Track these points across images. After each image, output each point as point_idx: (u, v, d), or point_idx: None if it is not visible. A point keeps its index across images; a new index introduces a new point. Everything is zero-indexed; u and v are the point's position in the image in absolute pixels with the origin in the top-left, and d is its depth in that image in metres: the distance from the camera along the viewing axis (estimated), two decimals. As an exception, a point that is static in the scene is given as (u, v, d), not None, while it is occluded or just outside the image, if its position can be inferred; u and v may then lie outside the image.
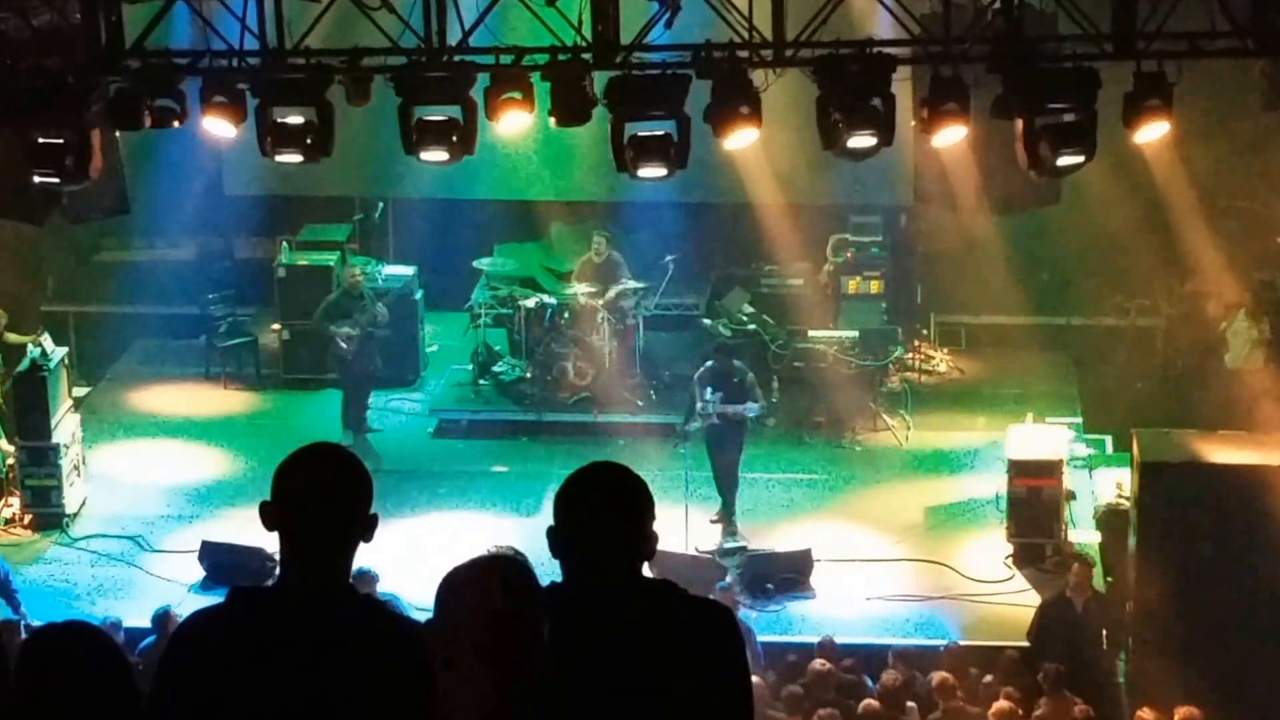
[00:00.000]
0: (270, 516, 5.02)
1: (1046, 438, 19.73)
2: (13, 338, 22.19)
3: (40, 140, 15.44)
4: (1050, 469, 19.24)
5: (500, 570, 4.62)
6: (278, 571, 5.06)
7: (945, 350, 24.33)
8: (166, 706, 4.94)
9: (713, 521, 20.05)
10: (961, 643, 17.38)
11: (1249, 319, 21.92)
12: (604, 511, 5.05)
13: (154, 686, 4.97)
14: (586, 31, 15.31)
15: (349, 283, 22.11)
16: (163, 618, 16.40)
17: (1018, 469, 19.30)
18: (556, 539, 5.09)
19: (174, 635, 5.08)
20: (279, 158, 15.86)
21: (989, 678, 16.54)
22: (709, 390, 19.91)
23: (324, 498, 4.99)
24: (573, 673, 4.90)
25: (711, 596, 16.15)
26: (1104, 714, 16.19)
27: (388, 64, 15.67)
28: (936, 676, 16.18)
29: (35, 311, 24.10)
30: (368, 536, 5.08)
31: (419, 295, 23.71)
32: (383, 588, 16.96)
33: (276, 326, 23.90)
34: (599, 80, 15.53)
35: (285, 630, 4.95)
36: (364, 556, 17.82)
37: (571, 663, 4.89)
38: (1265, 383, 21.06)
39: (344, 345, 21.88)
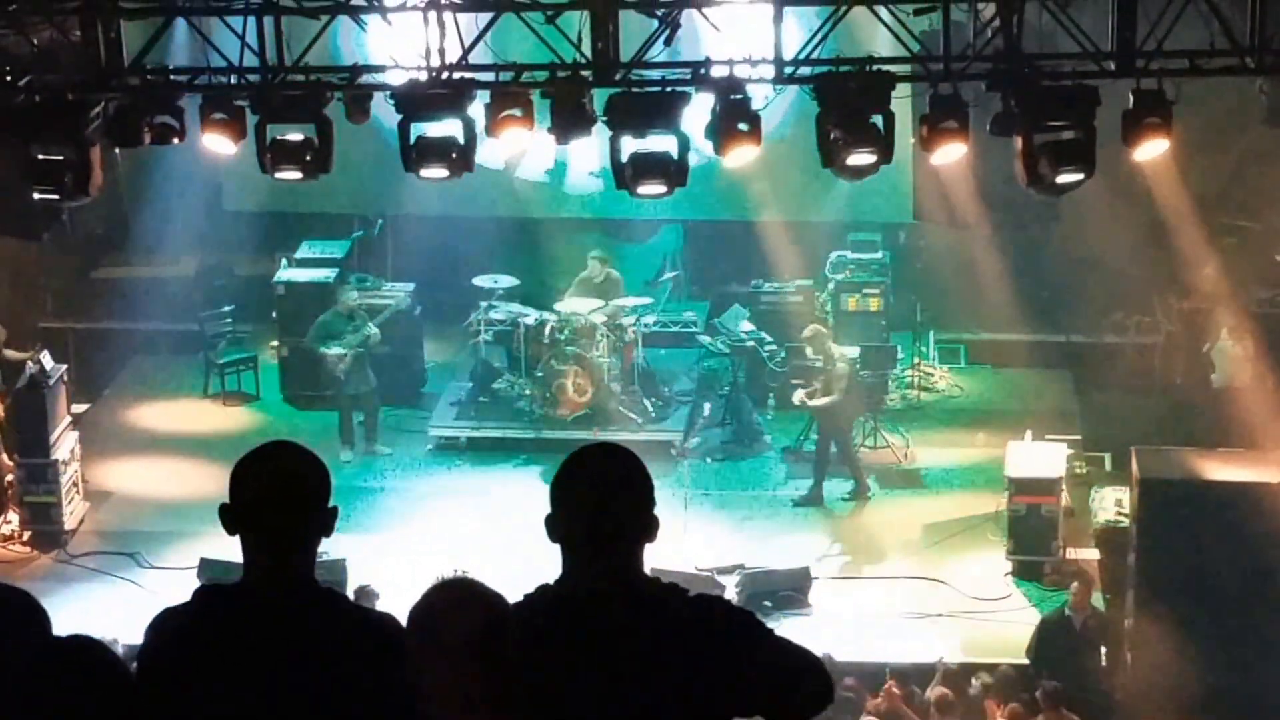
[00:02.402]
0: (230, 518, 5.04)
1: (1046, 455, 19.73)
2: (11, 354, 22.17)
3: (40, 157, 15.44)
4: (1049, 486, 19.25)
5: (455, 596, 4.67)
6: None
7: (945, 367, 24.31)
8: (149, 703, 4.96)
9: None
10: (961, 659, 17.39)
11: (1232, 336, 21.92)
12: (604, 489, 4.97)
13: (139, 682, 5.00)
14: (586, 48, 15.31)
15: (344, 306, 22.10)
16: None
17: (1017, 486, 19.31)
18: (555, 524, 5.02)
19: (147, 631, 5.11)
20: (278, 175, 15.85)
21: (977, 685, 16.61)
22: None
23: (282, 494, 5.01)
24: (577, 675, 4.87)
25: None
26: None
27: (387, 81, 15.69)
28: (935, 692, 16.18)
29: (34, 328, 24.07)
30: (328, 530, 5.10)
31: (418, 312, 23.69)
32: (382, 605, 16.95)
33: (275, 343, 23.89)
34: (598, 97, 15.53)
35: (251, 626, 4.98)
36: (364, 573, 17.73)
37: (575, 665, 4.86)
38: (1260, 399, 21.04)
39: (336, 365, 21.89)
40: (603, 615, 4.93)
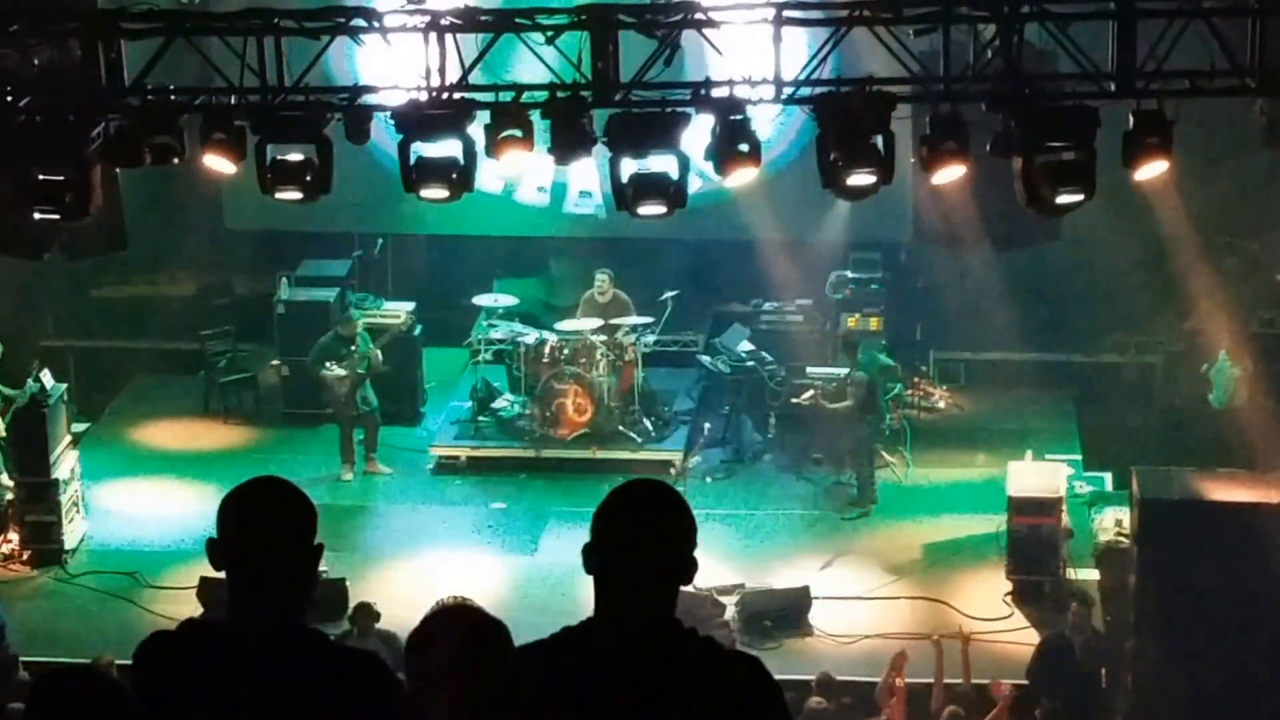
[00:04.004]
0: (217, 554, 5.03)
1: (1046, 475, 19.71)
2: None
3: (40, 177, 15.43)
4: (1050, 506, 19.22)
5: (449, 618, 4.68)
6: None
7: (944, 387, 24.30)
8: None
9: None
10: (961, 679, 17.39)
11: (1230, 358, 21.93)
12: (653, 534, 4.93)
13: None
14: (586, 69, 15.31)
15: (346, 331, 22.11)
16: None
17: (1017, 506, 19.28)
18: (595, 555, 4.94)
19: (135, 660, 5.12)
20: (279, 195, 15.82)
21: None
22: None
23: (266, 533, 5.01)
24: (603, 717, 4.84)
25: (710, 633, 16.17)
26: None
27: (386, 101, 15.68)
28: (946, 711, 16.18)
29: (35, 347, 24.06)
30: (314, 569, 5.09)
31: (418, 331, 23.69)
32: (382, 625, 16.93)
33: (275, 362, 23.90)
34: (598, 118, 15.52)
35: (233, 666, 4.98)
36: (364, 592, 17.72)
37: (603, 708, 4.83)
38: (1259, 419, 21.05)
39: (337, 387, 21.90)
40: (636, 661, 4.88)
